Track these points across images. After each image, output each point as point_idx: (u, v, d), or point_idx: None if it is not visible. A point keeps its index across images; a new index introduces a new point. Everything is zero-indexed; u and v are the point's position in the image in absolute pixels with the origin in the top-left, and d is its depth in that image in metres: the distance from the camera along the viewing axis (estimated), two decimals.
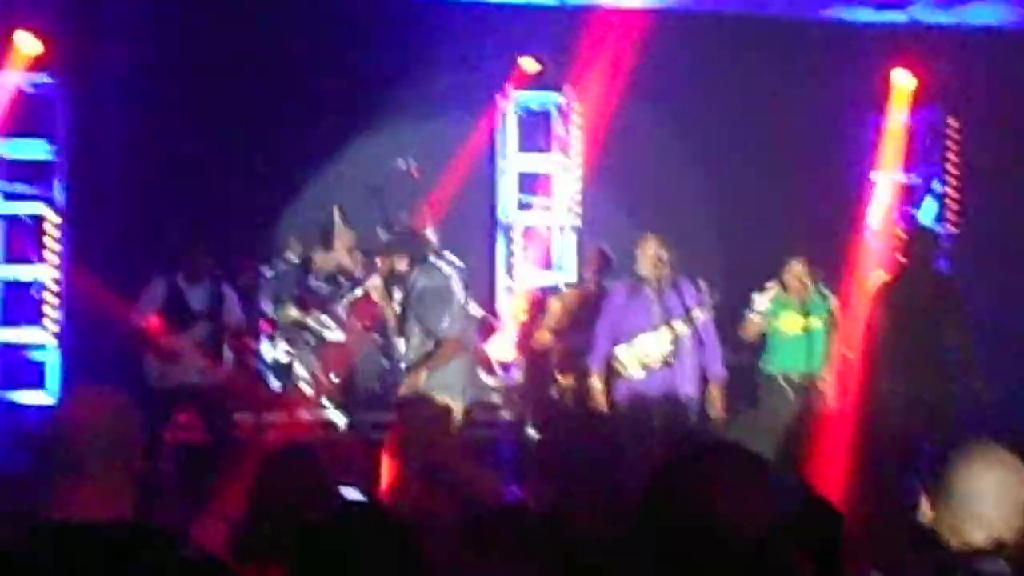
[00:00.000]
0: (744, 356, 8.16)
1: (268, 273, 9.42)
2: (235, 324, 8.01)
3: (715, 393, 7.41)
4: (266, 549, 3.25)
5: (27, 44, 9.22)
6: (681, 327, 7.25)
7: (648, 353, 7.25)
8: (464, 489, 6.31)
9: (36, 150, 9.58)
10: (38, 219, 9.51)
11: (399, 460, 6.68)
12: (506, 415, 9.01)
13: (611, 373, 7.37)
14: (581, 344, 8.84)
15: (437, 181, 9.64)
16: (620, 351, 7.34)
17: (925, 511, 2.57)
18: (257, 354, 9.31)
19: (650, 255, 7.29)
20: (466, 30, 10.00)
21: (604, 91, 10.28)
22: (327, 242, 9.49)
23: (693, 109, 10.09)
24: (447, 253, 9.53)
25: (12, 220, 9.60)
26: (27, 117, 9.45)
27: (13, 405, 8.97)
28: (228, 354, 7.97)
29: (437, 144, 9.98)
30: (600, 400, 7.42)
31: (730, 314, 7.85)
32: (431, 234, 9.51)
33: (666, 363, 7.26)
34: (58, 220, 9.47)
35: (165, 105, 9.31)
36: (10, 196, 9.56)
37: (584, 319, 8.39)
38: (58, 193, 9.52)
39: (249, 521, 3.55)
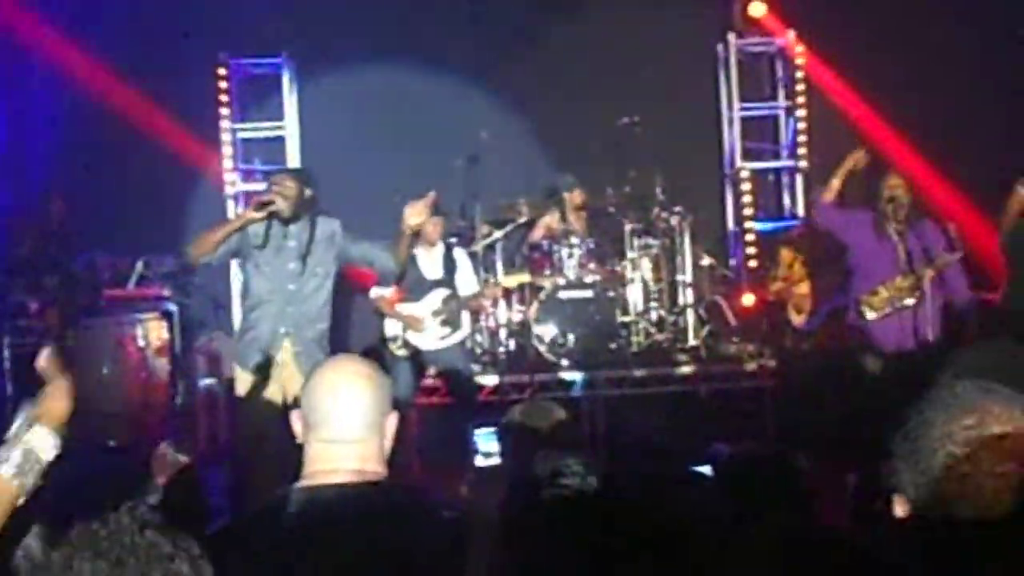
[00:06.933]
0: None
1: (496, 235, 9.50)
2: (468, 289, 8.11)
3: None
4: None
5: None
6: (924, 271, 6.85)
7: (892, 297, 6.93)
8: None
9: None
10: None
11: None
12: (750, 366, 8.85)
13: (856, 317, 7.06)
14: (819, 289, 8.66)
15: (663, 134, 9.58)
16: (864, 295, 7.01)
17: None
18: (492, 317, 9.45)
19: (887, 194, 6.94)
20: None
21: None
22: (556, 203, 9.48)
23: None
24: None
25: None
26: None
27: None
28: (465, 318, 8.08)
29: (659, 96, 9.93)
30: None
31: None
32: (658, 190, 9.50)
33: (906, 307, 6.89)
34: None
35: None
36: None
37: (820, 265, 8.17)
38: None
39: None
